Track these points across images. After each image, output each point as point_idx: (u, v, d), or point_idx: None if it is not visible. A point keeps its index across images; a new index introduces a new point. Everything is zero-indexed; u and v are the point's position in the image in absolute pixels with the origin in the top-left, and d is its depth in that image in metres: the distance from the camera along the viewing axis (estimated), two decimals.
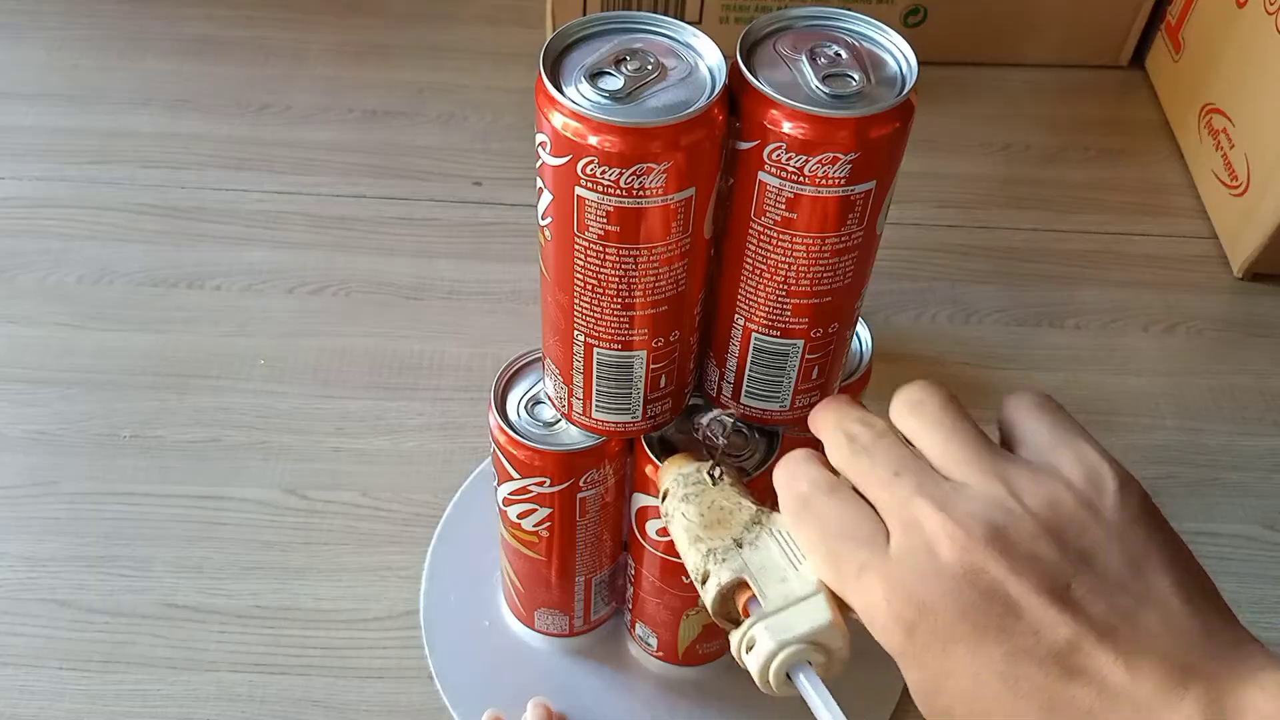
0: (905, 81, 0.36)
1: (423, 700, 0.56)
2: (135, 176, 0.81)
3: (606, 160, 0.34)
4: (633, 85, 0.35)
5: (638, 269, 0.37)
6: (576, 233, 0.37)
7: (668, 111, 0.34)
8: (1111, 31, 0.92)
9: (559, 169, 0.35)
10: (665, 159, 0.34)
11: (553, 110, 0.34)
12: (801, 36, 0.37)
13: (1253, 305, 0.77)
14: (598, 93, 0.35)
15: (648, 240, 0.36)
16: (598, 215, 0.36)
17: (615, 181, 0.34)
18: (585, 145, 0.34)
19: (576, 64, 0.36)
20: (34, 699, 0.55)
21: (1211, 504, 0.65)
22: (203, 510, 0.62)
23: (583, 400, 0.43)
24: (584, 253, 0.37)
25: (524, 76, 0.90)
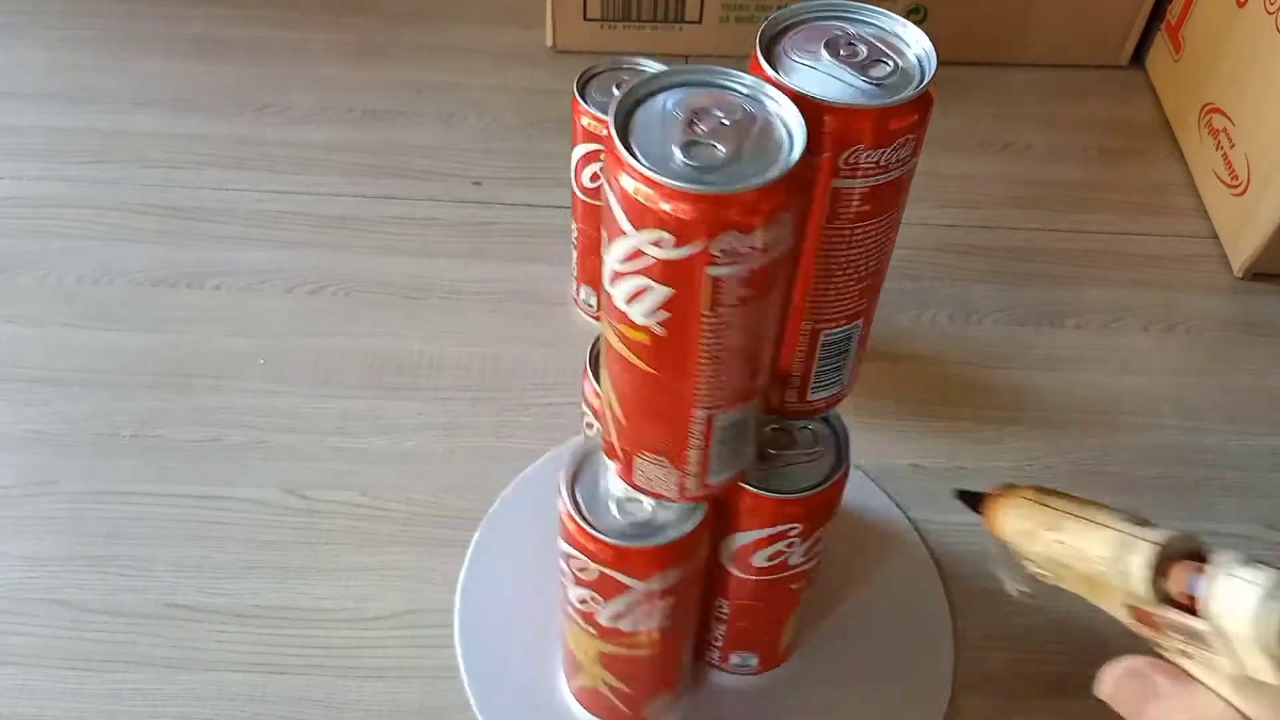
0: (921, 48, 0.37)
1: (423, 699, 0.56)
2: (135, 176, 0.81)
3: (745, 229, 0.32)
4: (725, 146, 0.33)
5: (766, 321, 0.36)
6: (705, 314, 0.34)
7: (777, 164, 0.33)
8: (1111, 31, 0.92)
9: (684, 260, 0.33)
10: (791, 207, 0.33)
11: (670, 202, 0.32)
12: (807, 35, 0.37)
13: (1253, 305, 0.77)
14: (695, 162, 0.32)
15: (772, 291, 0.35)
16: (733, 287, 0.34)
17: (753, 249, 0.33)
18: (719, 223, 0.32)
19: (655, 137, 0.33)
20: (34, 698, 0.55)
21: (1211, 504, 0.65)
22: (203, 510, 0.62)
23: (699, 474, 0.41)
24: (714, 330, 0.35)
25: (524, 76, 0.90)
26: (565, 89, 0.63)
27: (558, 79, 0.89)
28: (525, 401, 0.68)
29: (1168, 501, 0.65)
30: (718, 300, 0.34)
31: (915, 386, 0.71)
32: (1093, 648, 0.59)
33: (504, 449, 0.66)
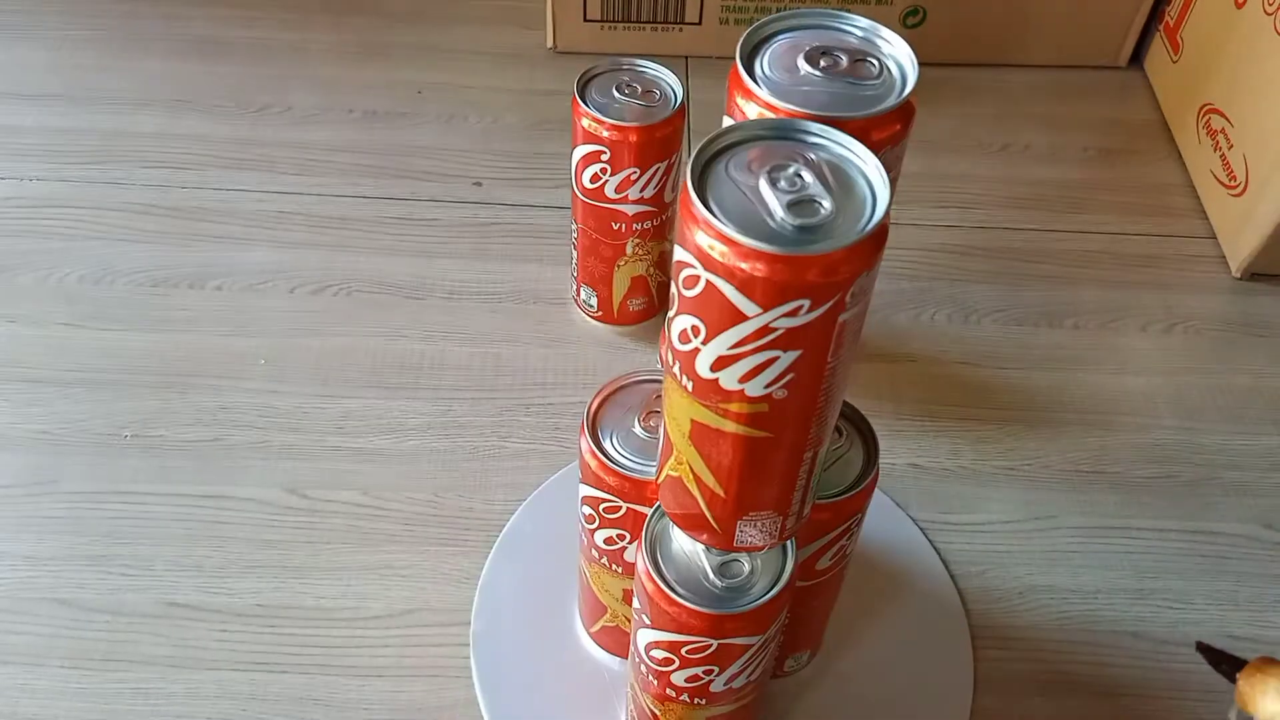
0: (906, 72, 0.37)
1: (423, 699, 0.56)
2: (136, 176, 0.81)
3: (872, 265, 0.32)
4: (814, 191, 0.33)
5: (858, 343, 0.36)
6: (829, 361, 0.34)
7: (879, 187, 0.33)
8: (1110, 32, 0.92)
9: (820, 318, 0.32)
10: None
11: (813, 269, 0.31)
12: (797, 45, 0.37)
13: (1251, 305, 0.77)
14: (802, 219, 0.32)
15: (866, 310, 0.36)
16: (853, 325, 0.34)
17: (866, 287, 0.33)
18: (857, 269, 0.32)
19: (748, 211, 0.32)
20: (35, 698, 0.55)
21: (1210, 503, 0.66)
22: (203, 509, 0.62)
23: (799, 510, 0.41)
24: (832, 373, 0.35)
25: (524, 77, 0.90)
26: (565, 90, 0.63)
27: (558, 80, 0.90)
28: (525, 401, 0.68)
29: (1166, 501, 0.66)
30: (839, 344, 0.34)
31: (914, 386, 0.71)
32: (1107, 644, 0.59)
33: (504, 449, 0.66)
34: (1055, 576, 0.62)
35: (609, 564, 0.50)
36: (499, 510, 0.63)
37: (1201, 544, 0.64)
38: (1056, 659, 0.59)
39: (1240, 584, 0.62)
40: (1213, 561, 0.63)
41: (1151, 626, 0.60)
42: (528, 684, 0.56)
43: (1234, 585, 0.62)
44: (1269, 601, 0.61)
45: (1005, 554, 0.63)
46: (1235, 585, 0.62)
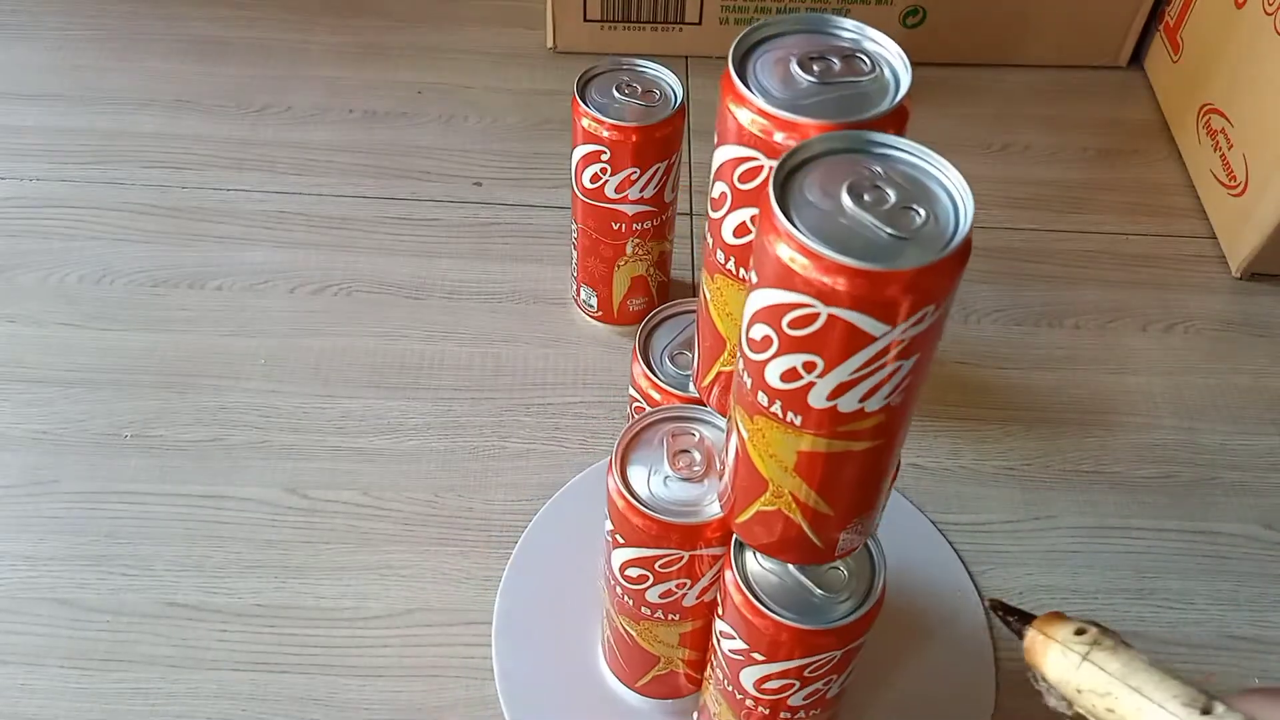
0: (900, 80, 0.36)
1: (423, 699, 0.56)
2: (136, 176, 0.81)
3: (967, 263, 0.33)
4: (902, 200, 0.33)
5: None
6: (929, 361, 0.35)
7: (951, 192, 0.34)
8: (1110, 32, 0.92)
9: (940, 316, 0.33)
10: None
11: (942, 277, 0.31)
12: (792, 49, 0.37)
13: (1251, 305, 0.77)
14: (901, 229, 0.32)
15: None
16: (944, 321, 0.34)
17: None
18: (960, 270, 0.32)
19: (850, 231, 0.32)
20: (34, 698, 0.55)
21: (1210, 503, 0.66)
22: (204, 509, 0.62)
23: (882, 509, 0.41)
24: (929, 368, 0.35)
25: (524, 77, 0.90)
26: (566, 90, 0.63)
27: (558, 80, 0.90)
28: (526, 402, 0.68)
29: (1166, 501, 0.66)
30: (940, 334, 0.34)
31: None
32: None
33: (505, 449, 0.66)
34: (1055, 576, 0.62)
35: (664, 616, 0.48)
36: (499, 510, 0.63)
37: (1201, 544, 0.64)
38: None
39: (1240, 584, 0.62)
40: (1213, 561, 0.63)
41: (1151, 626, 0.60)
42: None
43: (1234, 585, 0.62)
44: (1269, 601, 0.61)
45: (1005, 554, 0.63)
46: (1235, 585, 0.62)
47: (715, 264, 0.39)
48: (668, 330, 0.54)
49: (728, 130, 0.36)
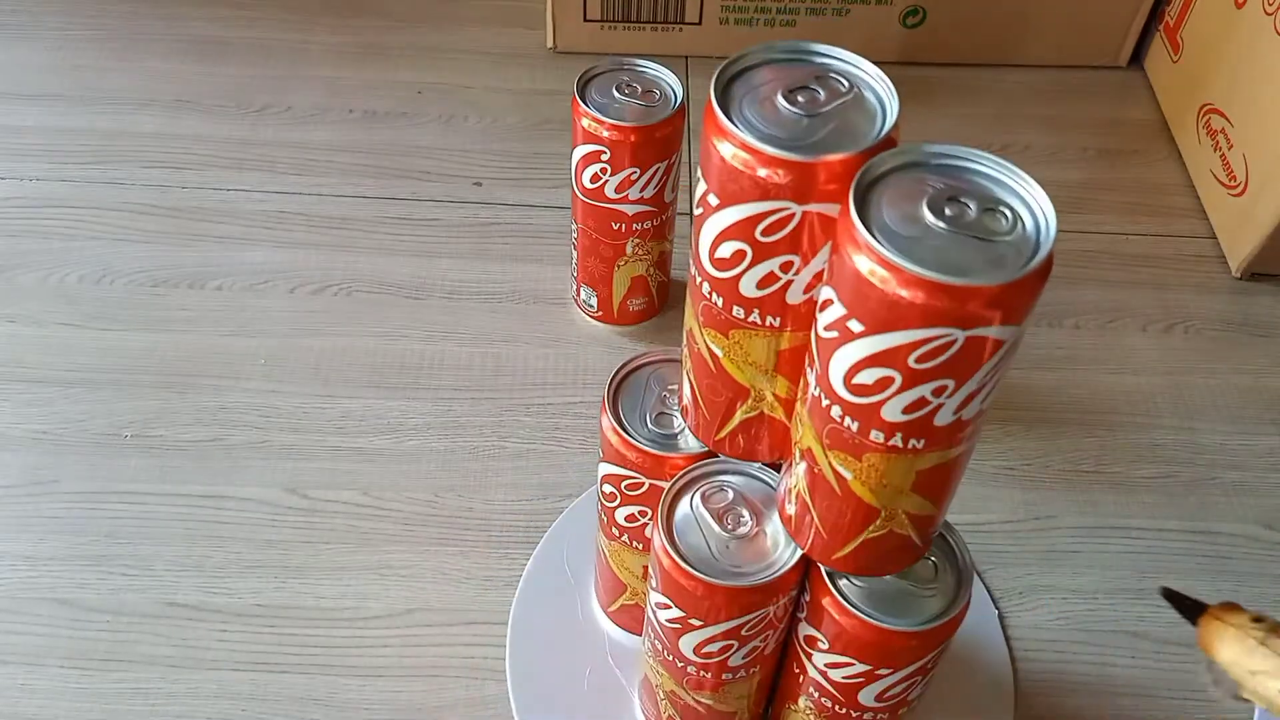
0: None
1: (423, 699, 0.56)
2: (136, 176, 0.81)
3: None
4: (979, 210, 0.34)
5: None
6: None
7: (1024, 194, 0.35)
8: (1110, 32, 0.92)
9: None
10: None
11: (1047, 273, 0.32)
12: (774, 82, 0.37)
13: (1251, 305, 0.77)
14: (1007, 235, 0.33)
15: None
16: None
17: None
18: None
19: (952, 240, 0.32)
20: (34, 698, 0.55)
21: (1210, 503, 0.66)
22: (204, 509, 0.62)
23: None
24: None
25: (524, 77, 0.90)
26: (566, 90, 0.63)
27: (558, 80, 0.90)
28: (526, 402, 0.68)
29: (1166, 501, 0.66)
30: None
31: None
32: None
33: (505, 449, 0.66)
34: (1055, 576, 0.62)
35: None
36: (499, 510, 0.63)
37: (1201, 544, 0.64)
38: (1057, 659, 0.59)
39: (1240, 584, 0.62)
40: (1213, 561, 0.63)
41: (1151, 626, 0.60)
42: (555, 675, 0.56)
43: (1234, 585, 0.62)
44: (1269, 602, 0.61)
45: (1005, 554, 0.63)
46: (1235, 585, 0.62)
47: (729, 320, 0.38)
48: (635, 392, 0.49)
49: (742, 189, 0.34)
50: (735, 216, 0.35)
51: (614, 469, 0.49)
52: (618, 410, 0.48)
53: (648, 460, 0.47)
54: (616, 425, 0.47)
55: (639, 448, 0.47)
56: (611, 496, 0.50)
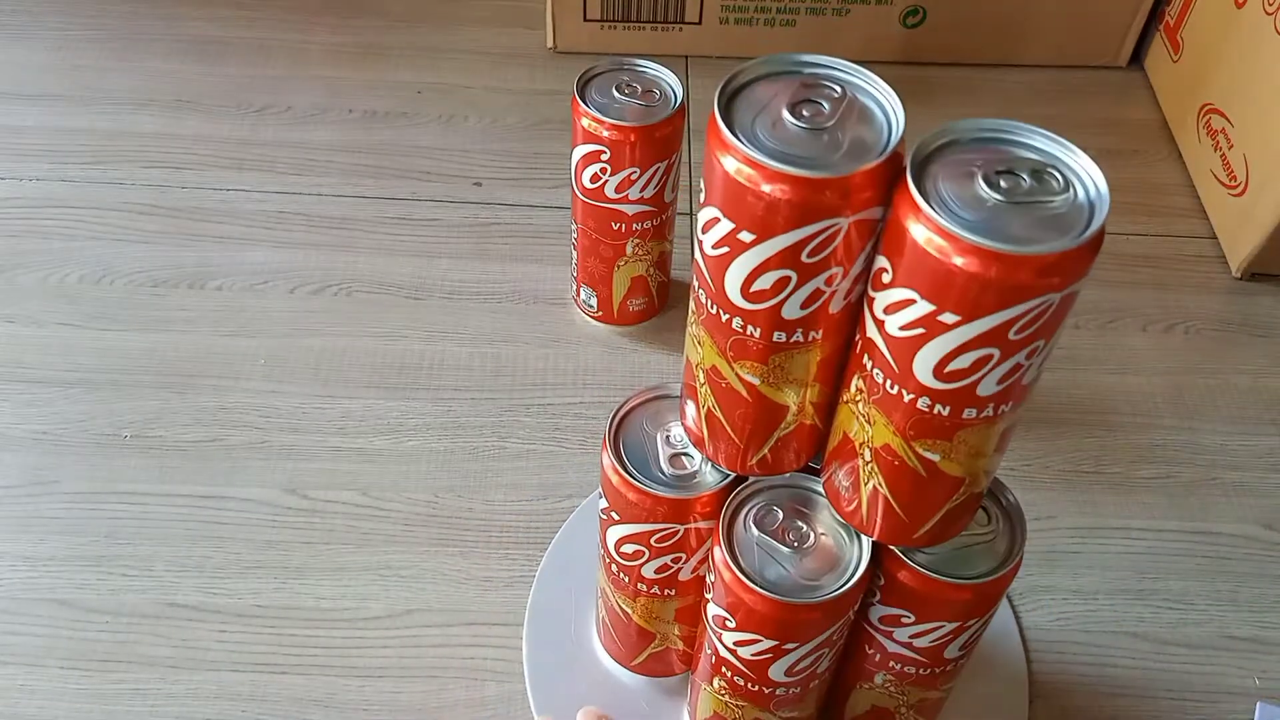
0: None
1: (423, 699, 0.56)
2: (136, 177, 0.81)
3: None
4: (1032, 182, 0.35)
5: None
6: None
7: (1074, 166, 0.37)
8: (1110, 32, 0.92)
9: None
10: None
11: (1089, 256, 0.33)
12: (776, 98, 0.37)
13: (1251, 305, 0.77)
14: (1062, 201, 0.34)
15: None
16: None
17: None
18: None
19: (1004, 219, 0.34)
20: (34, 698, 0.55)
21: (1210, 503, 0.66)
22: (203, 510, 0.62)
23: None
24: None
25: (524, 77, 0.90)
26: (565, 90, 0.63)
27: (558, 80, 0.90)
28: (526, 402, 0.68)
29: (1166, 501, 0.66)
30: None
31: None
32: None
33: (505, 449, 0.66)
34: (1055, 577, 0.62)
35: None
36: (499, 511, 0.63)
37: (1201, 544, 0.64)
38: (1057, 659, 0.59)
39: (1240, 584, 0.62)
40: (1213, 562, 0.63)
41: (1152, 627, 0.60)
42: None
43: (1234, 585, 0.62)
44: (1269, 602, 0.61)
45: None
46: (1235, 585, 0.62)
47: (769, 346, 0.38)
48: (637, 443, 0.47)
49: (787, 218, 0.34)
50: (779, 246, 0.35)
51: (637, 528, 0.46)
52: (627, 467, 0.45)
53: (678, 508, 0.45)
54: (638, 485, 0.45)
55: (668, 498, 0.45)
56: (635, 555, 0.48)
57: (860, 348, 0.38)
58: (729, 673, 0.46)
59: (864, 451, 0.39)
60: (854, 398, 0.39)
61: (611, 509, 0.47)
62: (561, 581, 0.60)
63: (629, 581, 0.49)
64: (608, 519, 0.48)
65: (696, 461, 0.46)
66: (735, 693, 0.47)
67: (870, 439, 0.39)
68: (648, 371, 0.70)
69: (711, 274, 0.37)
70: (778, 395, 0.40)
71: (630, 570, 0.48)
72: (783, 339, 0.38)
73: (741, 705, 0.48)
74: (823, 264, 0.35)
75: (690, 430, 0.45)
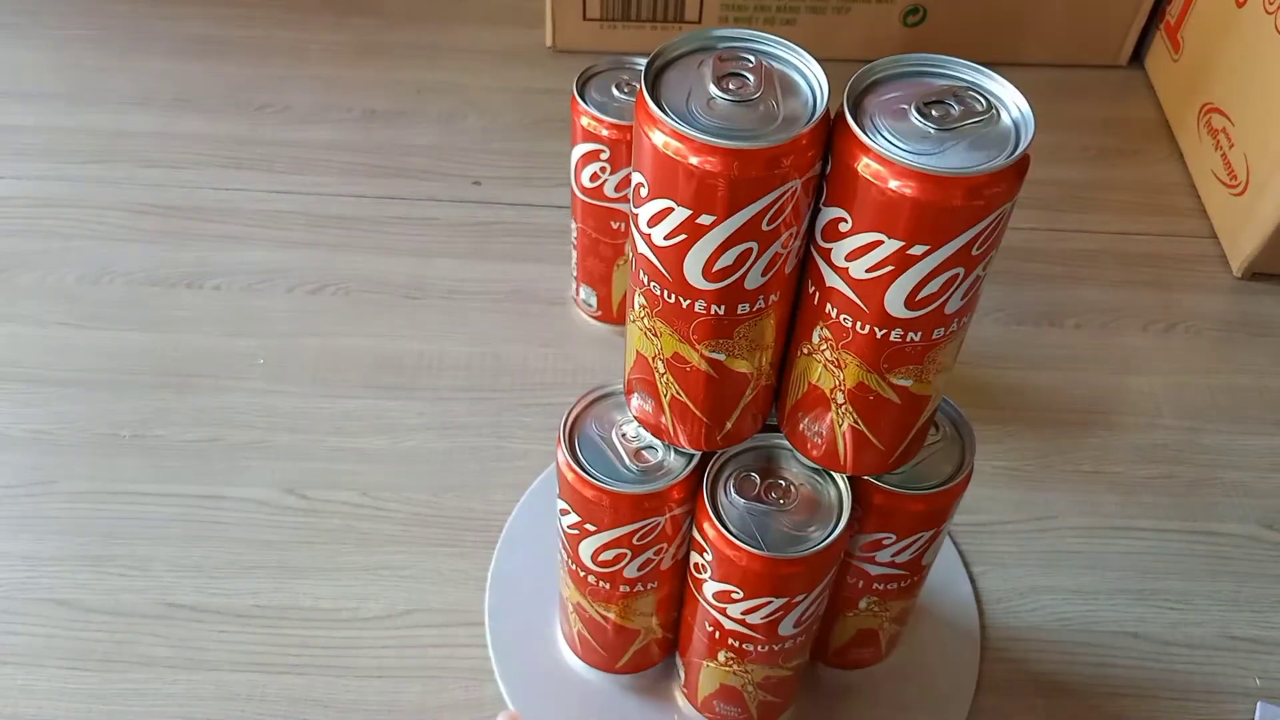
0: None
1: (422, 699, 0.56)
2: (135, 176, 0.81)
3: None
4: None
5: None
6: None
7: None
8: (1110, 31, 0.92)
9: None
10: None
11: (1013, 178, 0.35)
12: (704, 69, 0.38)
13: (1252, 305, 0.77)
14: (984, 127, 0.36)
15: None
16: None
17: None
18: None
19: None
20: (33, 698, 0.55)
21: (1210, 503, 0.65)
22: (202, 510, 0.62)
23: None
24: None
25: (523, 76, 0.90)
26: (565, 89, 0.63)
27: (557, 79, 0.90)
28: (525, 401, 0.68)
29: (1166, 501, 0.65)
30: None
31: None
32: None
33: (504, 449, 0.66)
34: (1056, 577, 0.62)
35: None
36: (499, 510, 0.63)
37: (1202, 544, 0.64)
38: (1057, 660, 0.59)
39: (1241, 584, 0.62)
40: (1213, 561, 0.63)
41: (1152, 627, 0.60)
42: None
43: (1234, 585, 0.62)
44: (1269, 602, 0.61)
45: (1006, 554, 0.63)
46: (1236, 585, 0.62)
47: (733, 320, 0.39)
48: (593, 447, 0.47)
49: (749, 192, 0.35)
50: (741, 220, 0.36)
51: (617, 532, 0.46)
52: (597, 476, 0.45)
53: (656, 500, 0.45)
54: (614, 490, 0.44)
55: (647, 494, 0.44)
56: (616, 560, 0.47)
57: (819, 299, 0.39)
58: (737, 642, 0.47)
59: (835, 396, 0.41)
60: (817, 348, 0.40)
61: (585, 522, 0.46)
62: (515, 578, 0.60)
63: (609, 587, 0.49)
64: (579, 533, 0.47)
65: (660, 451, 0.46)
66: (744, 659, 0.48)
67: (842, 382, 0.40)
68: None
69: (666, 265, 0.38)
70: (741, 365, 0.41)
71: (611, 576, 0.48)
72: (746, 310, 0.38)
73: (750, 669, 0.48)
74: (781, 228, 0.36)
75: (648, 423, 0.45)
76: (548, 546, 0.53)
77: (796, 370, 0.42)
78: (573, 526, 0.47)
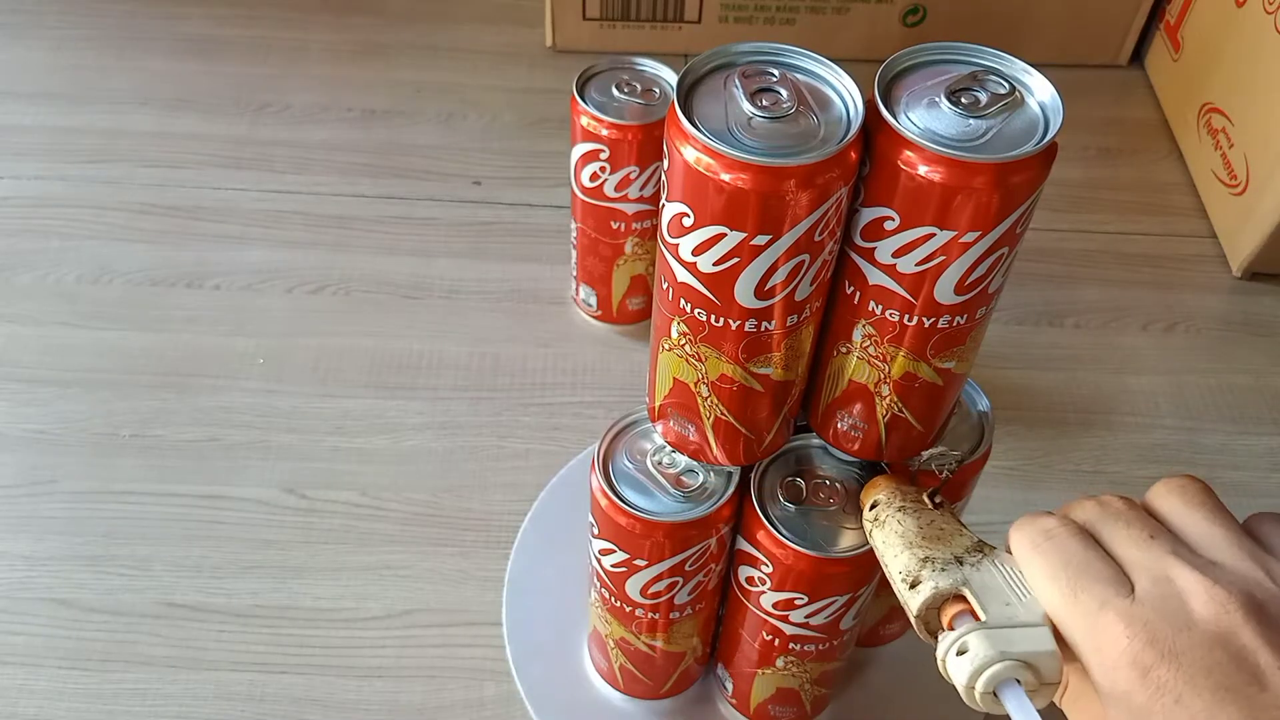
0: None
1: (422, 699, 0.56)
2: (134, 176, 0.81)
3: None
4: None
5: None
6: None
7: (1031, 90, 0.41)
8: (1110, 31, 0.92)
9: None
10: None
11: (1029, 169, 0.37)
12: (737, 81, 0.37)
13: (1252, 304, 0.77)
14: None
15: None
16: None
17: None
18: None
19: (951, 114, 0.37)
20: (33, 698, 0.55)
21: None
22: (202, 509, 0.62)
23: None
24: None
25: (523, 76, 0.90)
26: (565, 88, 0.63)
27: (557, 78, 0.90)
28: (525, 401, 0.68)
29: None
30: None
31: None
32: None
33: (504, 449, 0.66)
34: None
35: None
36: (498, 510, 0.63)
37: None
38: None
39: None
40: None
41: None
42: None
43: None
44: None
45: None
46: None
47: (782, 334, 0.38)
48: (628, 477, 0.46)
49: (798, 211, 0.35)
50: (796, 235, 0.35)
51: (671, 562, 0.45)
52: (639, 509, 0.44)
53: (706, 523, 0.44)
54: (667, 521, 0.43)
55: (699, 519, 0.44)
56: (669, 589, 0.46)
57: (860, 298, 0.38)
58: (798, 645, 0.47)
59: (880, 389, 0.40)
60: (860, 345, 0.40)
61: (634, 558, 0.45)
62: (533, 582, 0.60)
63: (659, 616, 0.48)
64: (626, 570, 0.46)
65: (700, 474, 0.45)
66: (805, 659, 0.48)
67: (888, 375, 0.40)
68: (647, 370, 0.70)
69: (715, 290, 0.37)
70: (788, 374, 0.41)
71: (660, 606, 0.47)
72: (794, 320, 0.38)
73: (809, 668, 0.48)
74: (828, 238, 0.36)
75: (685, 447, 0.43)
76: (562, 576, 0.53)
77: (831, 369, 0.41)
78: (618, 565, 0.46)
